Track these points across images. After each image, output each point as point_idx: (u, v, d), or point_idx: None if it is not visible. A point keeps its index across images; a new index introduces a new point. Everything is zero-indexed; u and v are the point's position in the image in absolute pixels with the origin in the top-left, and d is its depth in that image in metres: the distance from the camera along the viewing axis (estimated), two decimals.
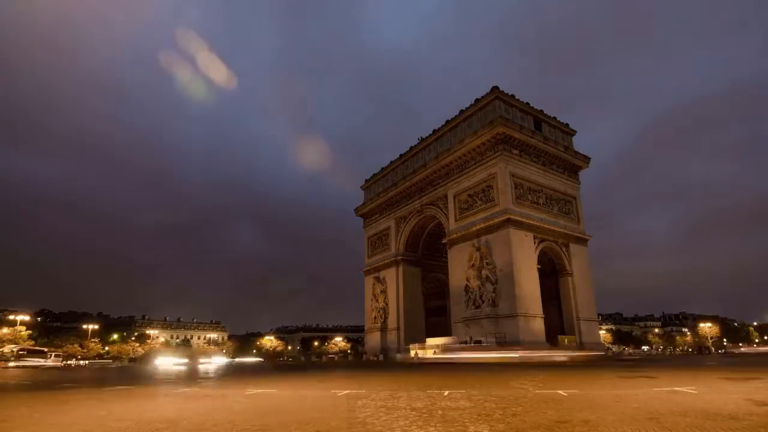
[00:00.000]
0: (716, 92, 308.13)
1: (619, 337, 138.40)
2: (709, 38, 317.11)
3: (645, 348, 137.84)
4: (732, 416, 7.67)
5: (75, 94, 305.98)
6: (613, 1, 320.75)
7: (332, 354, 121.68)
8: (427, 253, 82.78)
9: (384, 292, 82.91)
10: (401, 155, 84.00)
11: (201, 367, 51.73)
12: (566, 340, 58.70)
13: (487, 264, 59.24)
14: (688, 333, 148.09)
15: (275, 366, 56.09)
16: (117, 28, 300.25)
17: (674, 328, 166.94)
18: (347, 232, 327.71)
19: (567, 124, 72.49)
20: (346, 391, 13.70)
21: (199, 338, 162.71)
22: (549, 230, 62.23)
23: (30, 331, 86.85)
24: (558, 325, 61.95)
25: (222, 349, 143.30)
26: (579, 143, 73.94)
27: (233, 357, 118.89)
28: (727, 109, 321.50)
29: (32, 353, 61.24)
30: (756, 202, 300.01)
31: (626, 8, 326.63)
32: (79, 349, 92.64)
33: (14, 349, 60.96)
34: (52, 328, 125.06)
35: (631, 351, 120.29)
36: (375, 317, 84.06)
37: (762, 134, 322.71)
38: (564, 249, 63.99)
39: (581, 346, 58.85)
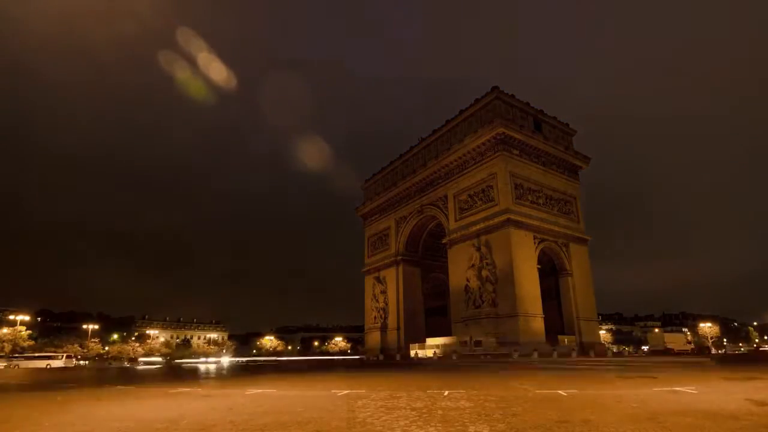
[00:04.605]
0: None
1: (619, 337, 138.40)
2: None
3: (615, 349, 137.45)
4: (732, 416, 7.66)
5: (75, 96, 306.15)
6: None
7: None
8: (427, 253, 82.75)
9: (384, 292, 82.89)
10: (401, 155, 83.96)
11: None
12: (566, 340, 58.72)
13: (487, 264, 59.23)
14: (688, 333, 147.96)
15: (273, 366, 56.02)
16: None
17: (674, 328, 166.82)
18: (347, 232, 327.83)
19: (567, 124, 72.47)
20: (346, 391, 13.68)
21: (199, 338, 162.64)
22: (549, 230, 62.21)
23: (30, 331, 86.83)
24: (558, 324, 61.93)
25: (223, 349, 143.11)
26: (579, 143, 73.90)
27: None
28: None
29: None
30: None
31: None
32: (79, 349, 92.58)
33: None
34: (52, 328, 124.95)
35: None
36: (375, 317, 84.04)
37: None
38: (564, 249, 63.98)
39: (581, 346, 58.87)
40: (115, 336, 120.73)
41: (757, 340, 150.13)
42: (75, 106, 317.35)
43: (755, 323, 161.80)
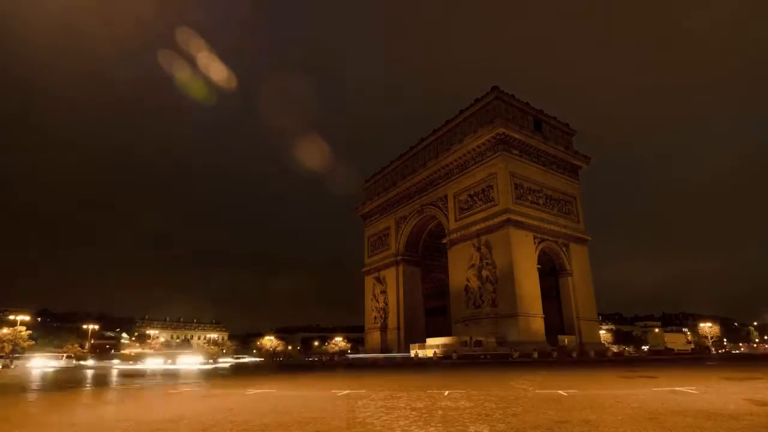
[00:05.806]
0: None
1: (619, 337, 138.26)
2: None
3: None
4: (732, 416, 7.66)
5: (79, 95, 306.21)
6: None
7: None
8: (427, 253, 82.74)
9: (384, 292, 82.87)
10: (401, 155, 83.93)
11: None
12: (566, 340, 58.67)
13: (487, 264, 59.23)
14: (689, 333, 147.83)
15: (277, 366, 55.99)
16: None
17: (674, 328, 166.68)
18: (347, 232, 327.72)
19: (567, 124, 72.47)
20: (346, 391, 13.68)
21: (199, 338, 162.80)
22: (549, 230, 62.21)
23: (30, 331, 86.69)
24: (558, 324, 61.94)
25: (223, 349, 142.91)
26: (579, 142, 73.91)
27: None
28: None
29: None
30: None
31: None
32: (80, 349, 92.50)
33: None
34: (52, 328, 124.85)
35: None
36: (375, 317, 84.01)
37: None
38: (564, 249, 63.97)
39: (581, 346, 58.83)
40: None
41: (757, 340, 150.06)
42: (75, 104, 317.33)
43: (755, 323, 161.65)
